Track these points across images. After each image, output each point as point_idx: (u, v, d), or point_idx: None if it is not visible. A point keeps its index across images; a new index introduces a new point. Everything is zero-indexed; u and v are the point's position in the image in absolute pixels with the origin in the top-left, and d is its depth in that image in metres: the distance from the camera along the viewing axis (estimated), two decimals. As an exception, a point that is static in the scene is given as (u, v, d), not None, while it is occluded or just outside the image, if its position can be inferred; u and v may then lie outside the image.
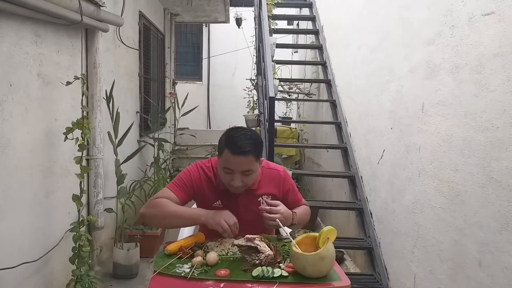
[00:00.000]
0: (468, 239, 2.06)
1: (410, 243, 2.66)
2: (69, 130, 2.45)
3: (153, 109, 5.15)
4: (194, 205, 1.96)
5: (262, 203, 1.77)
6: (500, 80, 1.89)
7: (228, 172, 1.64)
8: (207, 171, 1.81)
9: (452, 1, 2.32)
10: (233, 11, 7.73)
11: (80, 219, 2.60)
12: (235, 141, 1.61)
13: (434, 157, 2.42)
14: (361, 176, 3.69)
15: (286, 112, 8.09)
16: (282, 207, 1.71)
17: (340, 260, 3.85)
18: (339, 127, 4.34)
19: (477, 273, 1.98)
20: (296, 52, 8.33)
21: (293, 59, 8.13)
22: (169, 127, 6.19)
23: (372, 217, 3.37)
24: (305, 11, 6.55)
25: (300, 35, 7.80)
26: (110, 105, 3.30)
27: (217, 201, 1.78)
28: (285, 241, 1.71)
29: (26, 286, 2.37)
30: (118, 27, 3.70)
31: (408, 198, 2.71)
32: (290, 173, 2.13)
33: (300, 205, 1.94)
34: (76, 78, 2.54)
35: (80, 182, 2.60)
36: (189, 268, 1.45)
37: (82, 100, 2.68)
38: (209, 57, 9.80)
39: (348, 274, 1.95)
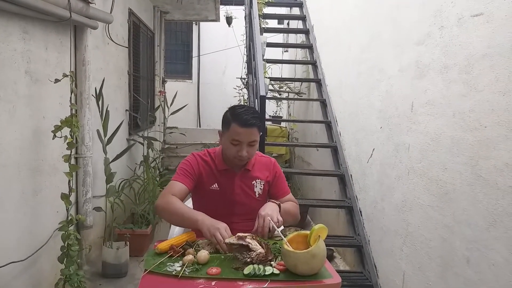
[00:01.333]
0: (457, 237, 2.09)
1: (399, 240, 2.68)
2: (58, 128, 2.42)
3: (142, 107, 5.11)
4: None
5: (256, 186, 1.94)
6: (489, 80, 1.92)
7: (236, 143, 1.81)
8: (203, 157, 1.96)
9: (442, 2, 2.34)
10: (224, 10, 7.71)
11: (69, 218, 2.57)
12: (242, 115, 1.81)
13: (423, 156, 2.45)
14: (351, 175, 3.71)
15: (277, 111, 8.11)
16: (266, 210, 1.75)
17: (330, 258, 3.87)
18: (329, 126, 4.37)
19: (465, 270, 2.00)
20: (287, 51, 8.34)
21: (283, 58, 8.14)
22: (158, 125, 6.15)
23: (361, 215, 3.40)
24: (296, 11, 6.57)
25: (290, 35, 7.82)
26: (100, 103, 3.27)
27: (214, 184, 1.91)
28: (276, 239, 1.71)
29: (14, 285, 2.33)
30: (107, 24, 3.66)
31: (397, 196, 2.74)
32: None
33: (286, 195, 2.03)
34: (64, 75, 2.51)
35: (69, 181, 2.58)
36: (180, 266, 1.44)
37: (70, 97, 2.64)
38: (199, 55, 9.76)
39: (337, 271, 1.97)
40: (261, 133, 1.93)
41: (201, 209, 1.89)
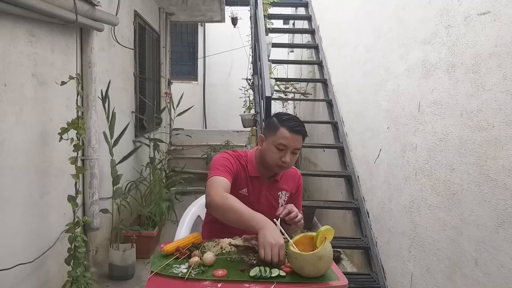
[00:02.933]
0: (465, 238, 2.06)
1: (407, 242, 2.66)
2: (64, 131, 2.43)
3: (148, 109, 5.12)
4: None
5: (280, 197, 1.94)
6: (496, 79, 1.89)
7: (282, 148, 1.79)
8: (239, 159, 1.91)
9: (448, 1, 2.33)
10: (229, 11, 7.71)
11: (76, 220, 2.58)
12: (291, 121, 1.82)
13: (430, 156, 2.43)
14: (358, 176, 3.69)
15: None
16: (294, 208, 1.75)
17: (337, 259, 3.85)
18: (335, 126, 4.35)
19: (474, 271, 1.98)
20: (292, 51, 8.33)
21: (289, 59, 8.13)
22: (164, 127, 6.16)
23: (368, 216, 3.37)
24: (301, 11, 6.56)
25: (296, 35, 7.81)
26: (106, 105, 3.28)
27: (244, 188, 1.89)
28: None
29: (22, 287, 2.35)
30: (113, 27, 3.68)
31: (405, 197, 2.71)
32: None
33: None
34: (71, 78, 2.52)
35: (76, 183, 2.58)
36: (186, 268, 1.44)
37: (77, 100, 2.66)
38: (204, 56, 9.77)
39: (345, 273, 1.95)
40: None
41: None
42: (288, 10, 7.86)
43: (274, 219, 1.68)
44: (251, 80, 5.80)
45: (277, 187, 1.95)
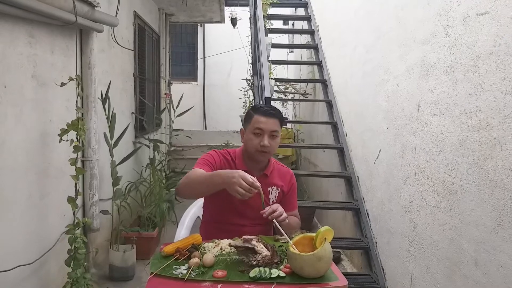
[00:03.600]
0: (464, 238, 2.07)
1: (406, 242, 2.66)
2: (64, 132, 2.44)
3: (148, 110, 5.13)
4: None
5: (271, 193, 1.95)
6: (495, 79, 1.90)
7: (258, 133, 1.86)
8: (225, 155, 1.98)
9: (447, 1, 2.33)
10: (228, 11, 7.73)
11: (76, 221, 2.59)
12: (263, 107, 1.92)
13: (430, 156, 2.43)
14: (358, 176, 3.69)
15: (282, 112, 8.09)
16: (280, 207, 1.75)
17: (337, 260, 3.85)
18: (335, 127, 4.35)
19: (473, 271, 1.98)
20: (292, 52, 8.33)
21: (288, 59, 8.14)
22: (164, 128, 6.17)
23: (368, 217, 3.38)
24: (301, 11, 6.56)
25: (295, 35, 7.81)
26: (106, 106, 3.28)
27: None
28: (282, 241, 1.70)
29: (21, 289, 2.35)
30: (112, 28, 3.68)
31: (405, 197, 2.72)
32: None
33: (293, 211, 2.03)
34: (70, 79, 2.53)
35: (75, 184, 2.59)
36: (186, 269, 1.44)
37: (77, 101, 2.66)
38: (204, 57, 9.78)
39: (345, 274, 1.95)
40: (281, 128, 1.96)
41: (213, 207, 1.95)
42: (288, 11, 7.86)
43: (274, 221, 1.68)
44: (251, 80, 5.81)
45: (268, 182, 1.95)
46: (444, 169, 2.27)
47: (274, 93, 5.96)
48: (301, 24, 6.77)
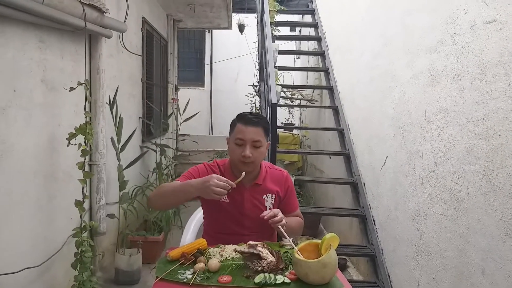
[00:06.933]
0: (471, 247, 2.05)
1: (413, 250, 2.65)
2: (72, 136, 2.46)
3: (155, 114, 5.16)
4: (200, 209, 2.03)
5: (266, 200, 1.89)
6: (502, 87, 1.89)
7: (240, 143, 1.80)
8: (213, 168, 1.94)
9: (454, 9, 2.33)
10: (236, 18, 7.77)
11: (82, 225, 2.60)
12: (246, 115, 1.86)
13: (436, 164, 2.42)
14: (364, 183, 3.68)
15: (289, 118, 8.10)
16: (280, 213, 1.75)
17: (343, 267, 3.83)
18: (341, 133, 4.34)
19: (481, 281, 1.97)
20: (299, 58, 8.35)
21: (295, 66, 8.15)
22: (171, 132, 6.19)
23: (375, 224, 3.36)
24: (308, 18, 6.58)
25: (302, 42, 7.83)
26: (114, 110, 3.31)
27: (224, 196, 1.83)
28: (287, 248, 1.71)
29: (28, 291, 2.36)
30: (121, 33, 3.72)
31: (411, 205, 2.70)
32: (292, 179, 2.16)
33: (294, 211, 2.01)
34: (79, 83, 2.55)
35: (83, 188, 2.61)
36: (191, 274, 1.45)
37: (85, 105, 2.69)
38: (211, 63, 9.83)
39: (351, 281, 1.95)
40: (269, 140, 1.91)
41: (212, 219, 1.93)
42: (295, 17, 7.89)
43: (279, 226, 1.68)
44: (258, 86, 5.83)
45: (261, 190, 1.91)
46: (451, 177, 2.26)
47: (281, 99, 5.97)
48: (308, 31, 6.79)
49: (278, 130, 4.52)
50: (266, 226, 1.75)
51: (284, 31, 7.04)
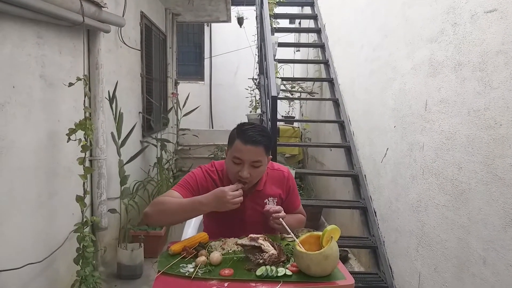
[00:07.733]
0: (473, 237, 2.05)
1: (414, 241, 2.65)
2: (72, 131, 2.46)
3: (155, 109, 5.15)
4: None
5: (268, 204, 1.81)
6: (503, 77, 1.88)
7: (238, 162, 1.68)
8: (212, 174, 1.84)
9: (455, -2, 2.31)
10: (235, 11, 7.72)
11: (84, 220, 2.61)
12: (247, 131, 1.67)
13: (437, 155, 2.41)
14: (365, 175, 3.68)
15: (289, 111, 8.09)
16: (283, 211, 1.73)
17: (344, 259, 3.84)
18: (342, 125, 4.34)
19: (482, 270, 1.97)
20: (298, 51, 8.32)
21: (295, 58, 8.12)
22: (171, 127, 6.19)
23: (376, 215, 3.36)
24: (307, 10, 6.54)
25: (302, 34, 7.79)
26: (113, 106, 3.30)
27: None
28: (288, 240, 1.71)
29: (31, 286, 2.37)
30: (119, 28, 3.70)
31: (412, 196, 2.70)
32: (293, 172, 2.14)
33: (296, 210, 1.98)
34: (78, 79, 2.54)
35: (84, 183, 2.61)
36: (193, 268, 1.45)
37: (84, 101, 2.68)
38: (211, 56, 9.79)
39: (352, 273, 1.95)
40: (270, 156, 1.77)
41: (214, 224, 1.87)
42: (294, 9, 7.85)
43: (281, 219, 1.68)
44: (257, 79, 5.81)
45: (262, 195, 1.83)
46: (452, 168, 2.26)
47: (281, 92, 5.95)
48: (307, 23, 6.75)
49: (278, 123, 4.51)
50: (268, 230, 1.74)
51: (284, 23, 7.00)
